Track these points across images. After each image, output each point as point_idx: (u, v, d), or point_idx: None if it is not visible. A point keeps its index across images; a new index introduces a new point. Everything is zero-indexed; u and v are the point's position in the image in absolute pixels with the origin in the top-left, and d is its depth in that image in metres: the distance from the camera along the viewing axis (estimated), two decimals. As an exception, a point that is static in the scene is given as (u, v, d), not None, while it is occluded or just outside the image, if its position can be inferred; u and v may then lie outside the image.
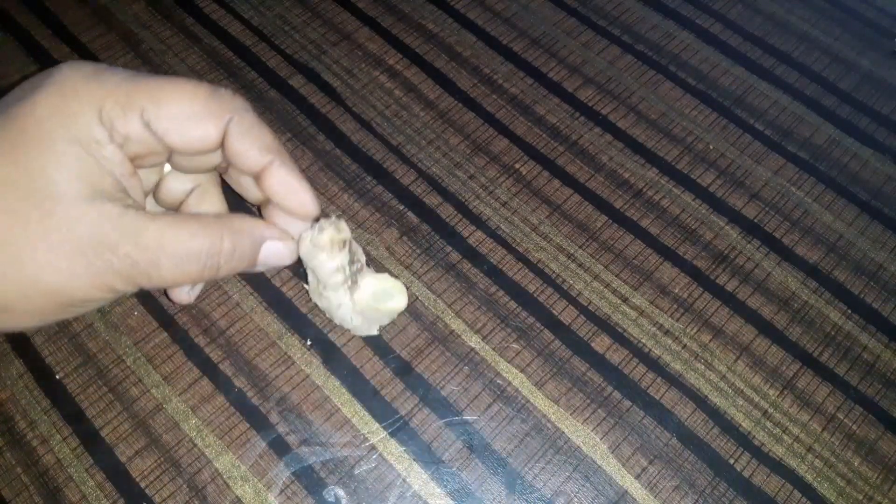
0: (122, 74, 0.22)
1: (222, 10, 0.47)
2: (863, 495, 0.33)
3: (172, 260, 0.22)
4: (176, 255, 0.22)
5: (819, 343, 0.37)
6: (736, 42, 0.48)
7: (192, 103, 0.22)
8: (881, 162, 0.44)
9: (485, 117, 0.44)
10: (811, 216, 0.41)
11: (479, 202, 0.40)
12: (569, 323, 0.37)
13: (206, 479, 0.32)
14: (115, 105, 0.21)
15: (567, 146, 0.43)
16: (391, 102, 0.44)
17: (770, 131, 0.44)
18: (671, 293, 0.38)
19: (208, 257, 0.23)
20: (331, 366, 0.35)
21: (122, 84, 0.22)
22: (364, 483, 0.32)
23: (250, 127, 0.24)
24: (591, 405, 0.35)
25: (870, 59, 0.48)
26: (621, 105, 0.45)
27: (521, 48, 0.47)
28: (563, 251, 0.39)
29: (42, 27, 0.46)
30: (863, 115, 0.45)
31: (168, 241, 0.22)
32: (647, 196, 0.41)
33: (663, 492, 0.33)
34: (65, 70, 0.21)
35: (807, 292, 0.39)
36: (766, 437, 0.34)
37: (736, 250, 0.40)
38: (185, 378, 0.34)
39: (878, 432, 0.35)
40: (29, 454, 0.32)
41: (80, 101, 0.21)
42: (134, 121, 0.21)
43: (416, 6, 0.48)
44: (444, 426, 0.34)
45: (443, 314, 0.37)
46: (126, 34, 0.46)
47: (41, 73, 0.22)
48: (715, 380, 0.36)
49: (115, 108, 0.21)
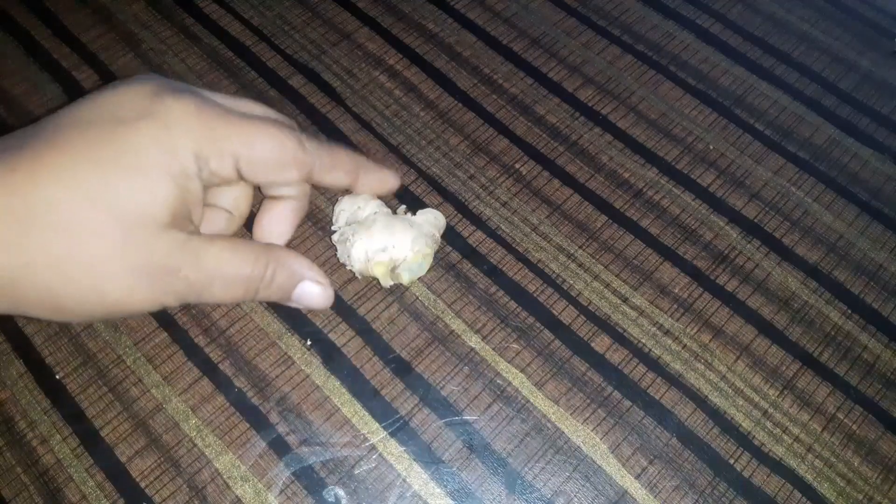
0: (220, 112, 0.24)
1: (222, 10, 0.47)
2: (863, 495, 0.33)
3: (223, 283, 0.24)
4: (227, 279, 0.24)
5: (819, 343, 0.37)
6: (736, 42, 0.48)
7: (282, 153, 0.25)
8: (881, 162, 0.44)
9: (485, 117, 0.44)
10: (811, 216, 0.41)
11: (479, 202, 0.40)
12: (569, 323, 0.37)
13: (206, 479, 0.32)
14: (212, 146, 0.23)
15: (567, 146, 0.43)
16: (391, 102, 0.44)
17: (770, 131, 0.44)
18: (671, 293, 0.38)
19: (252, 282, 0.25)
20: (331, 366, 0.35)
21: (220, 125, 0.23)
22: (364, 483, 0.32)
23: (331, 167, 0.27)
24: (591, 405, 0.35)
25: (870, 59, 0.48)
26: (621, 105, 0.45)
27: (521, 48, 0.47)
28: (563, 251, 0.39)
29: (42, 27, 0.46)
30: (863, 115, 0.45)
31: (223, 265, 0.24)
32: (647, 196, 0.41)
33: (663, 492, 0.33)
34: (171, 103, 0.23)
35: (807, 292, 0.39)
36: (766, 437, 0.34)
37: (736, 250, 0.40)
38: (185, 378, 0.34)
39: (878, 432, 0.35)
40: (29, 454, 0.32)
41: (181, 138, 0.22)
42: (227, 163, 0.24)
43: (416, 6, 0.48)
44: (444, 426, 0.34)
45: (443, 314, 0.37)
46: (126, 34, 0.46)
47: (141, 92, 0.23)
48: (715, 380, 0.36)
49: (211, 148, 0.23)
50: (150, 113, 0.22)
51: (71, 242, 0.21)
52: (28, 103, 0.42)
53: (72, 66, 0.44)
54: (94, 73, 0.44)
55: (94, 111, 0.23)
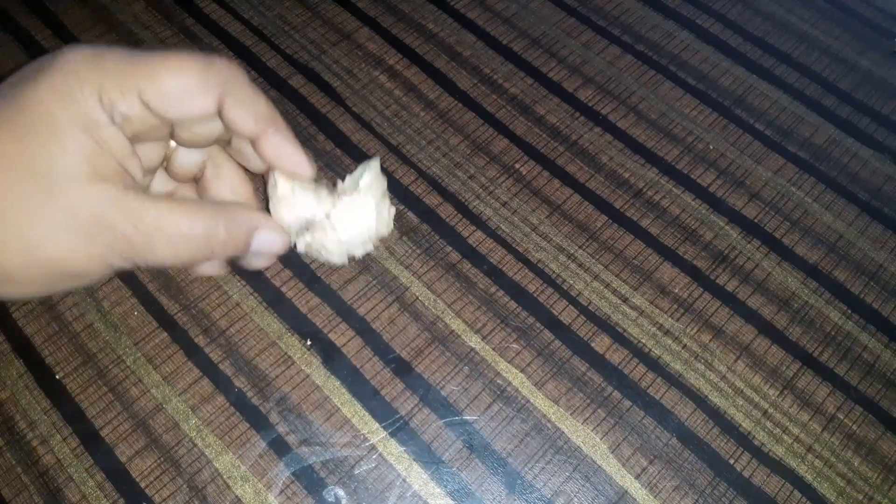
0: (119, 54, 0.23)
1: (222, 10, 0.47)
2: (863, 495, 0.33)
3: (168, 242, 0.23)
4: (172, 239, 0.23)
5: (819, 343, 0.37)
6: (736, 42, 0.48)
7: (187, 78, 0.23)
8: (881, 162, 0.44)
9: (485, 117, 0.44)
10: (811, 216, 0.41)
11: (479, 202, 0.40)
12: (569, 323, 0.37)
13: (206, 479, 0.32)
14: (114, 86, 0.22)
15: (567, 146, 0.43)
16: (391, 102, 0.44)
17: (770, 131, 0.44)
18: (671, 293, 0.38)
19: (204, 241, 0.24)
20: (331, 366, 0.35)
21: (120, 64, 0.22)
22: (364, 483, 0.32)
23: (245, 97, 0.25)
24: (591, 405, 0.35)
25: (870, 59, 0.48)
26: (621, 105, 0.45)
27: (521, 48, 0.47)
28: (563, 251, 0.39)
29: (42, 27, 0.46)
30: (863, 115, 0.45)
31: (166, 224, 0.23)
32: (647, 196, 0.41)
33: (663, 492, 0.33)
34: (66, 53, 0.22)
35: (807, 292, 0.39)
36: (766, 437, 0.34)
37: (736, 250, 0.40)
38: (185, 378, 0.34)
39: (878, 432, 0.35)
40: (29, 454, 0.32)
41: (80, 84, 0.22)
42: (133, 101, 0.22)
43: (416, 6, 0.48)
44: (444, 426, 0.34)
45: (443, 314, 0.37)
46: (126, 34, 0.46)
47: (44, 56, 0.23)
48: (715, 380, 0.36)
49: (114, 89, 0.22)
50: (48, 66, 0.22)
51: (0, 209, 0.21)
52: (28, 103, 0.42)
53: (72, 66, 0.44)
54: (94, 73, 0.44)
55: (8, 80, 0.23)
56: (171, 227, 0.23)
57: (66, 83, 0.22)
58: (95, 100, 0.22)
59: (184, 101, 0.23)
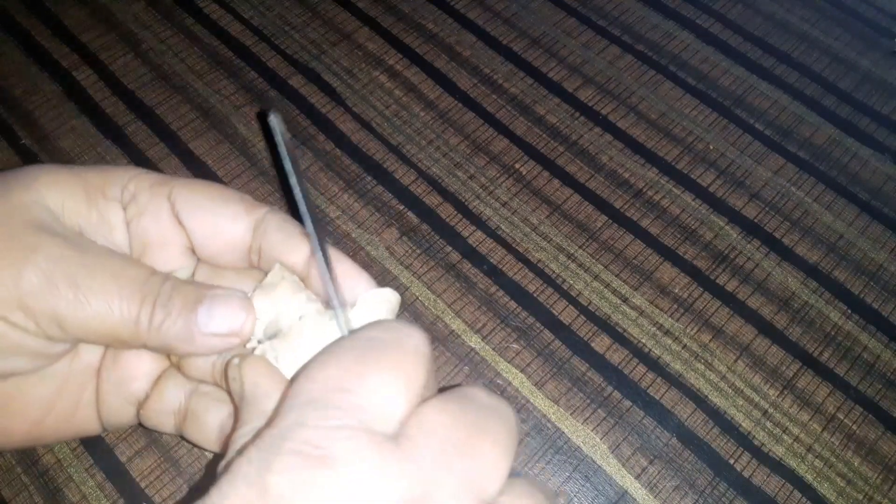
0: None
1: (222, 10, 0.47)
2: (863, 495, 0.33)
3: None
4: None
5: (819, 343, 0.37)
6: (736, 42, 0.48)
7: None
8: (881, 162, 0.44)
9: (485, 117, 0.44)
10: (811, 216, 0.41)
11: (479, 202, 0.40)
12: (569, 323, 0.37)
13: (207, 479, 0.32)
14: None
15: (567, 146, 0.43)
16: (391, 102, 0.44)
17: (770, 131, 0.44)
18: (671, 293, 0.38)
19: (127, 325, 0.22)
20: (331, 366, 0.35)
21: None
22: (364, 483, 0.32)
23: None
24: (591, 405, 0.35)
25: (870, 59, 0.48)
26: (621, 105, 0.45)
27: (521, 48, 0.47)
28: (563, 251, 0.39)
29: (42, 27, 0.46)
30: (863, 115, 0.45)
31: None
32: (647, 196, 0.41)
33: (663, 492, 0.33)
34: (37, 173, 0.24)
35: (807, 292, 0.39)
36: (766, 437, 0.34)
37: (736, 250, 0.40)
38: (185, 378, 0.34)
39: (878, 432, 0.35)
40: (29, 454, 0.32)
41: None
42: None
43: (416, 6, 0.48)
44: (444, 426, 0.34)
45: (443, 314, 0.37)
46: (126, 34, 0.46)
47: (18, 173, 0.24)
48: (715, 380, 0.36)
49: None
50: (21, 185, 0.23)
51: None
52: (28, 103, 0.42)
53: (72, 66, 0.44)
54: (93, 73, 0.44)
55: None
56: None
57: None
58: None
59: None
